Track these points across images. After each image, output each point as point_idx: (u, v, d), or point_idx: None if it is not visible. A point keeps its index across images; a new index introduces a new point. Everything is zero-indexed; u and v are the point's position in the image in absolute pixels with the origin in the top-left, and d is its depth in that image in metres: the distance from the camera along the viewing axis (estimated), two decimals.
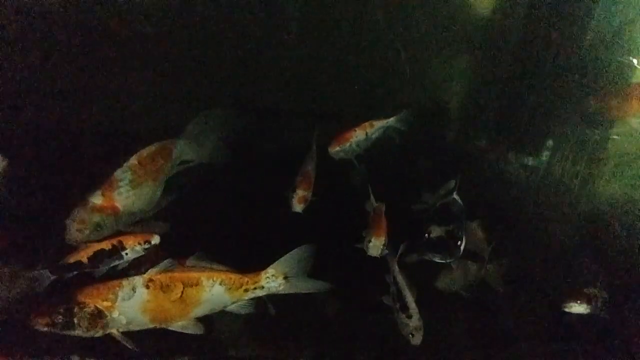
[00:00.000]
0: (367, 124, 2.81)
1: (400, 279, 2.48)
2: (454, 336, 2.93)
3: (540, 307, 2.91)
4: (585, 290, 2.57)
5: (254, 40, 2.90)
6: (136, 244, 2.08)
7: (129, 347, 2.02)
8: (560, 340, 2.83)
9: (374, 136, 2.83)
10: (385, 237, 2.41)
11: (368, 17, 2.97)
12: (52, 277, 2.03)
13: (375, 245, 2.39)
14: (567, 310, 2.55)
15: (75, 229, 2.11)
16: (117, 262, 2.09)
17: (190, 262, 2.18)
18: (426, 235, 2.34)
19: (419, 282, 2.55)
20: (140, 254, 2.11)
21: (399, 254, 2.52)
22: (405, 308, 2.40)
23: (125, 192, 2.25)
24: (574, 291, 2.58)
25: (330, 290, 2.30)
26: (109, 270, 2.11)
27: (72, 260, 2.04)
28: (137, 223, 2.35)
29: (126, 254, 2.08)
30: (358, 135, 2.76)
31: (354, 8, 2.96)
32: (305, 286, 2.28)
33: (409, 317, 2.37)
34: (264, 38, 2.91)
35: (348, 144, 2.72)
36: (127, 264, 2.12)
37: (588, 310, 2.55)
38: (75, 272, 2.05)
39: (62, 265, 2.04)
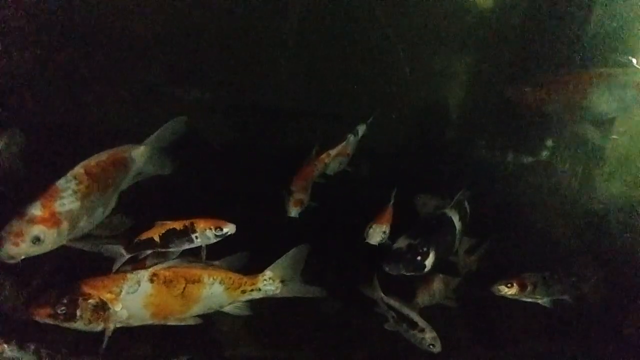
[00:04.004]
0: (324, 155, 2.83)
1: (393, 302, 2.51)
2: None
3: None
4: (525, 275, 2.56)
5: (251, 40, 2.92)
6: (207, 228, 2.01)
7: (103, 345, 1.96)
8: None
9: (331, 165, 2.86)
10: (386, 225, 2.42)
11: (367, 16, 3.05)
12: (127, 256, 2.00)
13: (375, 232, 2.38)
14: (495, 293, 2.52)
15: (10, 243, 1.84)
16: (187, 246, 2.03)
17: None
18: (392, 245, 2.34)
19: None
20: (212, 241, 2.04)
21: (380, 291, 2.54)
22: (414, 324, 2.43)
23: (69, 204, 1.99)
24: (510, 275, 2.55)
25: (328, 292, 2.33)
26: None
27: (144, 237, 2.01)
28: (87, 237, 2.16)
29: (196, 237, 2.02)
30: (319, 168, 2.78)
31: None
32: (301, 290, 2.31)
33: (422, 330, 2.42)
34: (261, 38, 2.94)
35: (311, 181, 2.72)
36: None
37: (523, 297, 2.54)
38: (148, 251, 2.02)
39: (136, 243, 2.01)
